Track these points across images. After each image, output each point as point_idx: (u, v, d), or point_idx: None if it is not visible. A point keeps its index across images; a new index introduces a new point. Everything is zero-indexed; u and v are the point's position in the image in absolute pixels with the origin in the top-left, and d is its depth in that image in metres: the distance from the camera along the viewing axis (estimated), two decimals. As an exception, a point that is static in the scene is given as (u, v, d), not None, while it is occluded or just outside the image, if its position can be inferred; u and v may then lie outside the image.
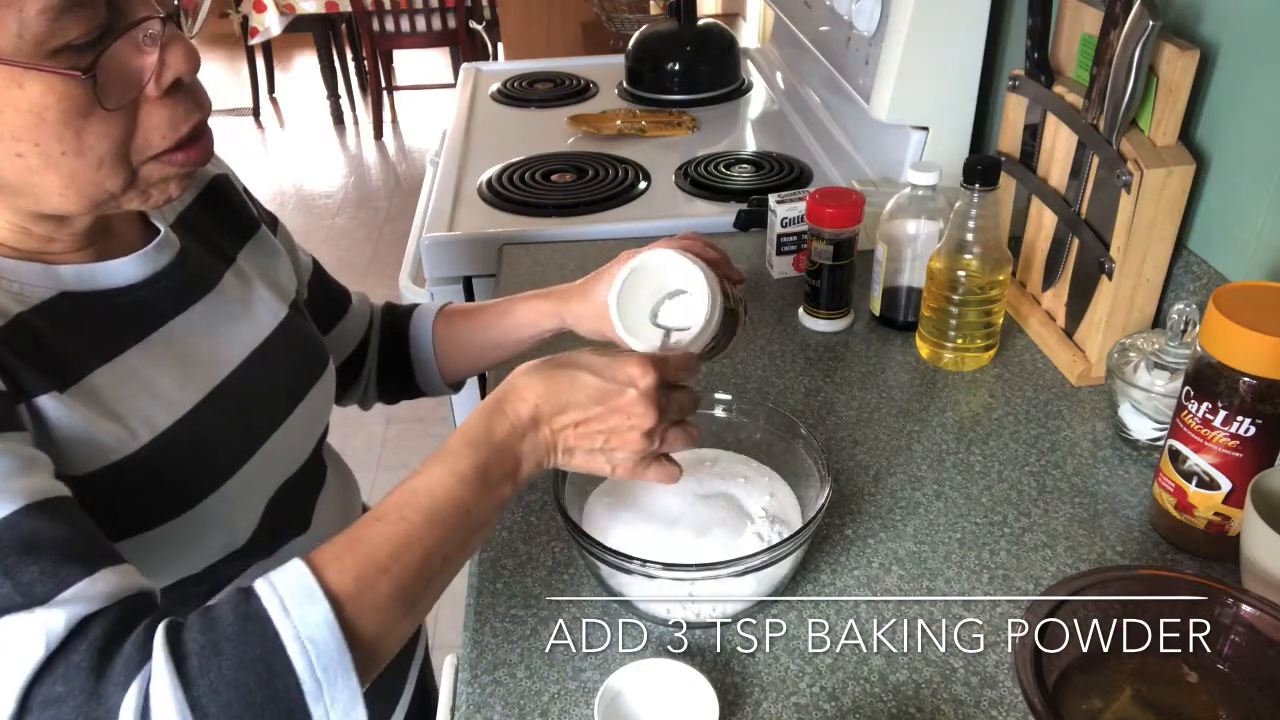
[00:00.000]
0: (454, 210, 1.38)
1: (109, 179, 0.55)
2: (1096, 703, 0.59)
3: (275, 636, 0.47)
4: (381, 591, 0.51)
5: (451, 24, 4.29)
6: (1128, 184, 0.86)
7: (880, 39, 1.19)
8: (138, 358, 0.61)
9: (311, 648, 0.47)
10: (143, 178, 0.57)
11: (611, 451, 0.62)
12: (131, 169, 0.56)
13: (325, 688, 0.48)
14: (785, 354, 1.02)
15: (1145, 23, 0.80)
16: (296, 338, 0.75)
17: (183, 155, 0.57)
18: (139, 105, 0.54)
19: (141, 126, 0.55)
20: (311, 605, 0.48)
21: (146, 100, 0.55)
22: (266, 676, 0.46)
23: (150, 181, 0.57)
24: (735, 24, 2.80)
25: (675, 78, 1.80)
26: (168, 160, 0.57)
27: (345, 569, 0.50)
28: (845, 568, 0.75)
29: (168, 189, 0.59)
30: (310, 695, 0.47)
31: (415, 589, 0.52)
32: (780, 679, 0.66)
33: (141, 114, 0.55)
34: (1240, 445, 0.68)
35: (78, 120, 0.52)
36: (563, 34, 3.53)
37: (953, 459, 0.86)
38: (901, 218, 1.01)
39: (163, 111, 0.55)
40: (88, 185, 0.54)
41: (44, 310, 0.57)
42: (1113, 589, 0.60)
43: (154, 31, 0.54)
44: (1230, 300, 0.67)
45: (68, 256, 0.61)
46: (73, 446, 0.55)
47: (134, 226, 0.67)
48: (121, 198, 0.56)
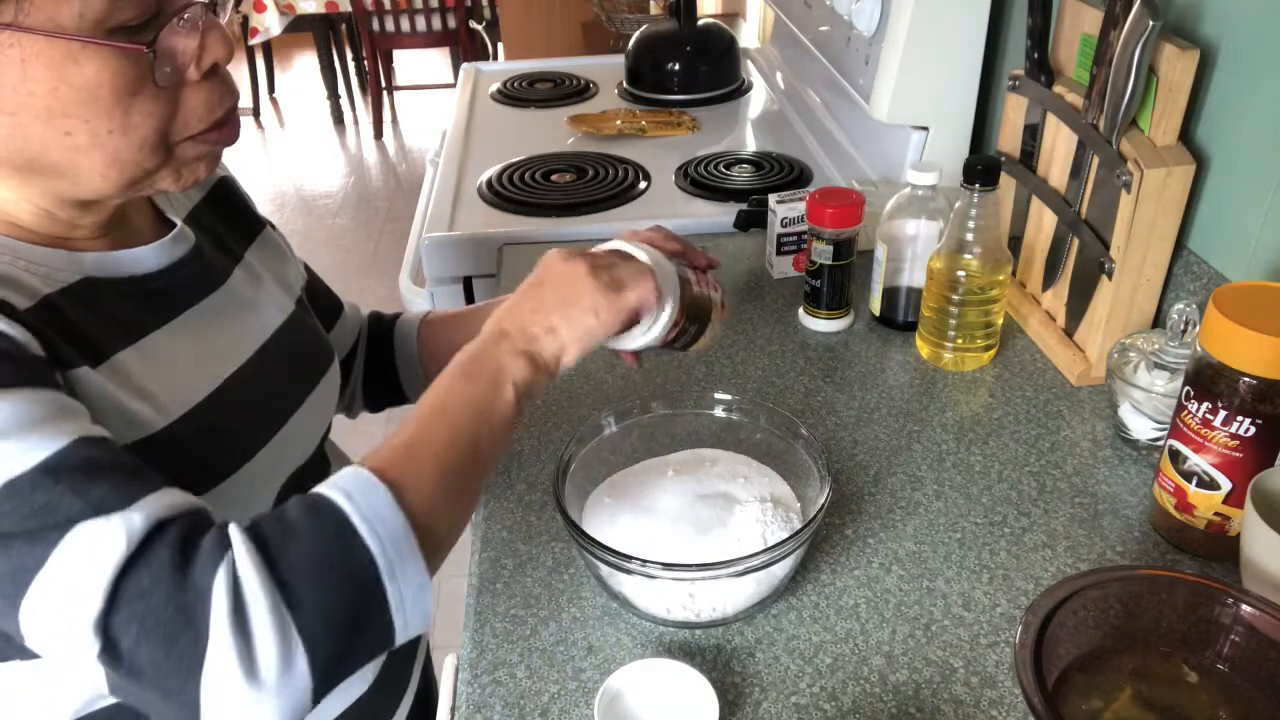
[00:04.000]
0: (454, 210, 1.38)
1: (149, 158, 0.58)
2: (1096, 703, 0.59)
3: (345, 518, 0.51)
4: (427, 478, 0.55)
5: (451, 24, 4.29)
6: (1128, 184, 0.86)
7: (880, 39, 1.19)
8: (162, 340, 0.64)
9: (380, 526, 0.52)
10: (177, 157, 0.60)
11: (579, 303, 0.64)
12: (169, 148, 0.59)
13: (396, 566, 0.51)
14: (785, 354, 1.03)
15: (1145, 23, 0.80)
16: (305, 332, 0.78)
17: (216, 134, 0.61)
18: (180, 88, 0.58)
19: (182, 108, 0.58)
20: (373, 492, 0.53)
21: (187, 83, 0.58)
22: (343, 552, 0.50)
23: (184, 161, 0.60)
24: (735, 24, 2.80)
25: (675, 78, 1.80)
26: (202, 139, 0.60)
27: (393, 463, 0.55)
28: (845, 568, 0.75)
29: (198, 169, 0.62)
30: (384, 572, 0.51)
31: (453, 476, 0.57)
32: (780, 679, 0.66)
33: (182, 96, 0.58)
34: (1240, 445, 0.69)
35: (127, 99, 0.55)
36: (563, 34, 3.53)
37: (953, 459, 0.86)
38: (901, 218, 1.01)
39: (201, 94, 0.59)
40: (129, 164, 0.57)
41: (69, 293, 0.60)
42: (1113, 589, 0.60)
43: (196, 16, 0.57)
44: (1230, 300, 0.67)
45: (89, 244, 0.63)
46: (106, 418, 0.57)
47: (148, 220, 0.70)
48: (156, 176, 0.60)
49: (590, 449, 0.78)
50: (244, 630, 0.48)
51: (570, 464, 0.75)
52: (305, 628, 0.49)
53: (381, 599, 0.51)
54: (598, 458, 0.79)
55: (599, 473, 0.79)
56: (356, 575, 0.51)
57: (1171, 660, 0.61)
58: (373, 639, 0.52)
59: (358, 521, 0.51)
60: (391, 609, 0.52)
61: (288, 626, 0.49)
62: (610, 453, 0.80)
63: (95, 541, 0.48)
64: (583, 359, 0.67)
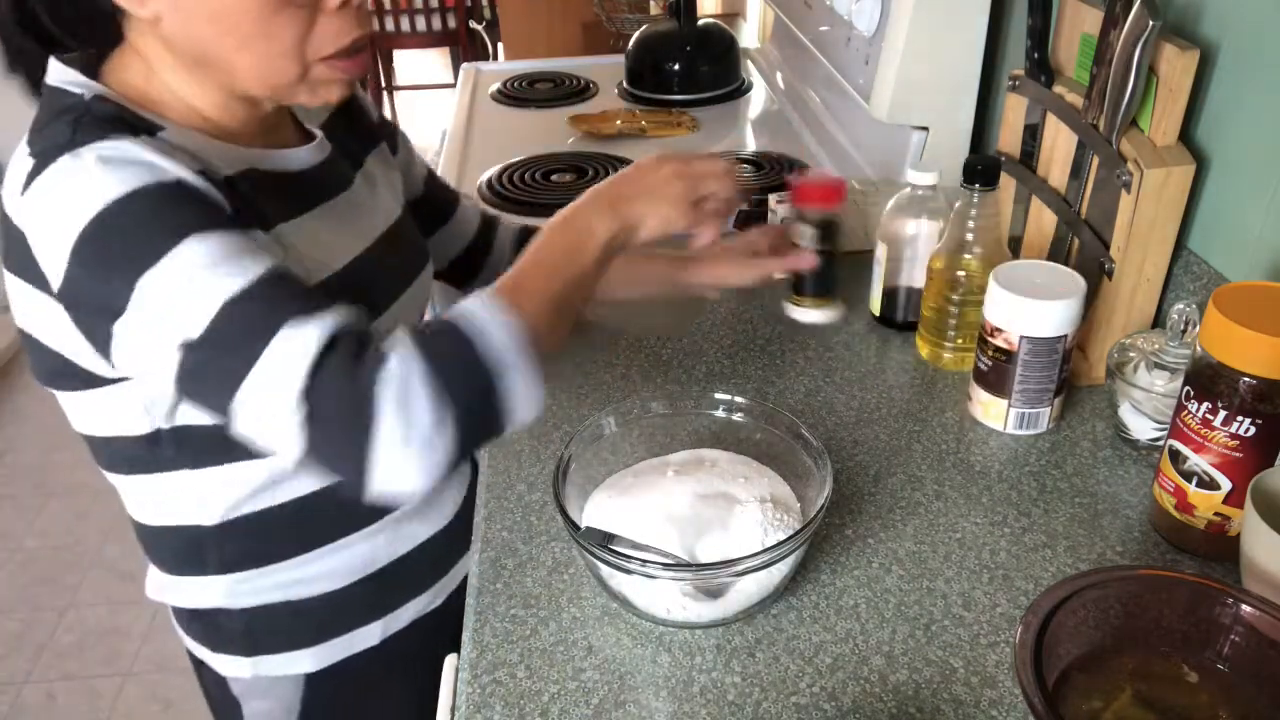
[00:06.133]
0: (454, 210, 1.38)
1: (289, 67, 0.69)
2: (1096, 703, 0.59)
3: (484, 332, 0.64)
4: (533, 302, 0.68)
5: (451, 24, 4.29)
6: (1128, 184, 0.86)
7: (880, 39, 1.19)
8: (306, 224, 0.77)
9: (509, 336, 0.64)
10: (313, 76, 0.71)
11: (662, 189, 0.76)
12: (304, 64, 0.70)
13: (518, 366, 0.64)
14: (785, 354, 1.02)
15: (1145, 23, 0.80)
16: (409, 233, 0.91)
17: (345, 63, 0.72)
18: (318, 12, 0.69)
19: (317, 31, 0.69)
20: (502, 313, 0.65)
21: (324, 10, 0.69)
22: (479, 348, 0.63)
23: (319, 80, 0.72)
24: (735, 24, 2.80)
25: (675, 78, 1.80)
26: (333, 64, 0.71)
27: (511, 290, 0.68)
28: (845, 568, 0.75)
29: (331, 91, 0.73)
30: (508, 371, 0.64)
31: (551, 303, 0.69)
32: (780, 679, 0.66)
33: (319, 20, 0.69)
34: (1240, 445, 0.69)
35: (270, 12, 0.66)
36: (563, 34, 3.53)
37: (953, 459, 0.86)
38: (901, 218, 1.01)
39: (335, 22, 0.69)
40: (272, 69, 0.69)
41: (239, 179, 0.72)
42: (1113, 589, 0.60)
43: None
44: (1230, 300, 0.67)
45: (252, 141, 0.76)
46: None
47: (291, 129, 0.83)
48: (296, 88, 0.71)
49: (590, 449, 0.78)
50: (404, 403, 0.60)
51: (570, 464, 0.75)
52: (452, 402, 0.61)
53: (504, 395, 0.64)
54: (598, 458, 0.79)
55: (599, 473, 0.79)
56: (490, 375, 0.63)
57: (1171, 660, 0.61)
58: (495, 426, 0.65)
59: (493, 334, 0.64)
60: (511, 402, 0.64)
61: (444, 406, 0.61)
62: (610, 453, 0.80)
63: (293, 339, 0.61)
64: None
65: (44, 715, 1.93)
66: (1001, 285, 0.84)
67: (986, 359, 0.87)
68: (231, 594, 0.83)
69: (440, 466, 0.62)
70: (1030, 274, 0.86)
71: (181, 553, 0.83)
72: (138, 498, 0.81)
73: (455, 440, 0.62)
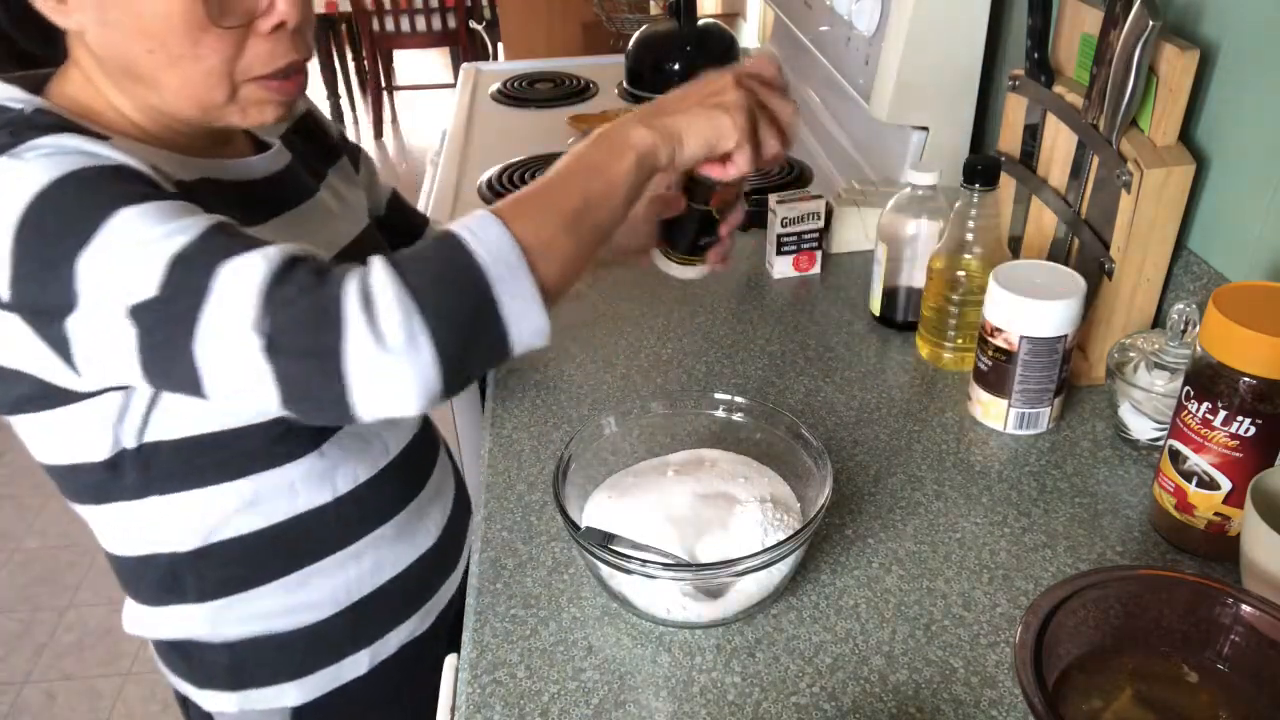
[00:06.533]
0: (454, 210, 1.38)
1: (216, 88, 0.67)
2: (1096, 703, 0.59)
3: (462, 242, 0.59)
4: (540, 217, 0.62)
5: (451, 24, 4.29)
6: (1128, 184, 0.86)
7: (880, 39, 1.19)
8: (275, 229, 0.75)
9: (492, 248, 0.59)
10: (242, 96, 0.69)
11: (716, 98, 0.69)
12: (233, 85, 0.68)
13: (508, 281, 0.59)
14: (785, 354, 1.02)
15: (1145, 23, 0.80)
16: (377, 245, 0.89)
17: (277, 85, 0.70)
18: (248, 35, 0.66)
19: (246, 53, 0.67)
20: (488, 223, 0.60)
21: (255, 33, 0.67)
22: (460, 263, 0.59)
23: (249, 101, 0.69)
24: (735, 24, 2.80)
25: (675, 78, 1.79)
26: (264, 85, 0.69)
27: (506, 205, 0.63)
28: (845, 568, 0.75)
29: (264, 112, 0.70)
30: (495, 283, 0.59)
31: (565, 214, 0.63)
32: (780, 679, 0.66)
33: (249, 43, 0.67)
34: (1240, 445, 0.69)
35: (196, 32, 0.64)
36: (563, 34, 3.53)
37: (953, 459, 0.86)
38: (901, 218, 1.01)
39: (265, 45, 0.67)
40: (199, 89, 0.67)
41: (195, 187, 0.70)
42: (1113, 589, 0.60)
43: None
44: (1230, 300, 0.67)
45: (204, 152, 0.74)
46: None
47: (246, 142, 0.81)
48: (225, 109, 0.69)
49: (590, 449, 0.78)
50: (370, 310, 0.56)
51: (570, 464, 0.75)
52: (424, 309, 0.57)
53: (493, 308, 0.59)
54: (598, 458, 0.79)
55: (599, 473, 0.79)
56: (471, 284, 0.59)
57: (1171, 660, 0.61)
58: (490, 341, 0.60)
59: (473, 245, 0.59)
60: (504, 317, 0.60)
61: (408, 305, 0.57)
62: (610, 453, 0.80)
63: (241, 268, 0.58)
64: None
65: (44, 715, 1.93)
66: (1001, 285, 0.84)
67: (986, 359, 0.87)
68: (213, 624, 0.81)
69: (428, 376, 0.58)
70: (1030, 274, 0.86)
71: (159, 582, 0.80)
72: (108, 528, 0.79)
73: (440, 346, 0.57)
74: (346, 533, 0.83)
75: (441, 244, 0.60)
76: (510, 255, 0.60)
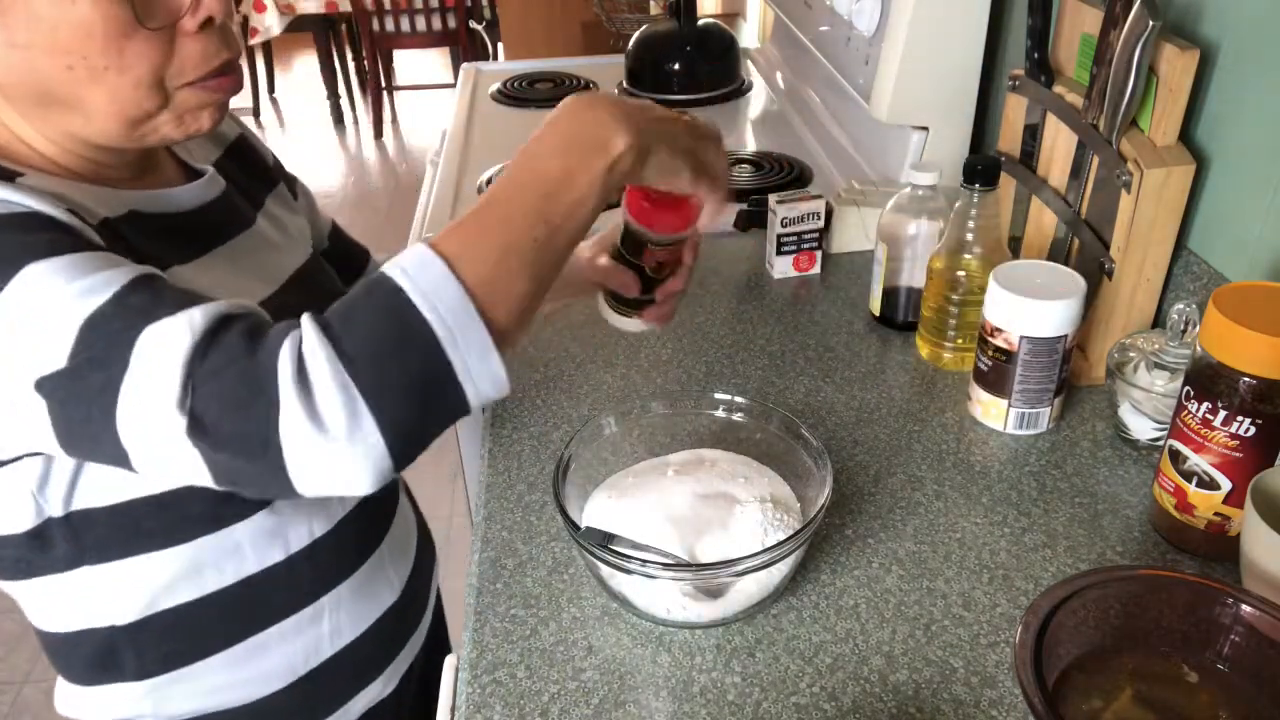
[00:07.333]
0: (454, 210, 1.38)
1: (146, 98, 0.61)
2: (1096, 703, 0.59)
3: (400, 292, 0.52)
4: (486, 247, 0.54)
5: (451, 24, 4.29)
6: (1128, 184, 0.86)
7: (880, 39, 1.19)
8: (211, 264, 0.70)
9: (437, 298, 0.52)
10: (177, 103, 0.63)
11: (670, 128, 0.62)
12: (166, 93, 0.62)
13: (458, 335, 0.52)
14: (785, 354, 1.02)
15: (1145, 23, 0.80)
16: (322, 277, 0.84)
17: (214, 83, 0.64)
18: (175, 36, 0.60)
19: (177, 55, 0.61)
20: (429, 265, 0.53)
21: (182, 33, 0.61)
22: (401, 323, 0.52)
23: (185, 108, 0.63)
24: (735, 24, 2.80)
25: (675, 78, 1.80)
26: (200, 87, 0.63)
27: (449, 236, 0.55)
28: (845, 568, 0.75)
29: (201, 119, 0.65)
30: (445, 340, 0.52)
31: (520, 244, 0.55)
32: (780, 679, 0.66)
33: (177, 44, 0.61)
34: (1240, 445, 0.69)
35: (120, 39, 0.58)
36: (563, 34, 3.53)
37: (953, 459, 0.86)
38: (901, 218, 1.01)
39: (196, 45, 0.62)
40: (128, 102, 0.60)
41: (121, 222, 0.64)
42: (1113, 589, 0.60)
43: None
44: (1230, 300, 0.67)
45: (127, 185, 0.67)
46: None
47: (176, 170, 0.74)
48: (158, 119, 0.63)
49: (590, 449, 0.78)
50: (306, 390, 0.50)
51: (570, 464, 0.75)
52: (367, 388, 0.51)
53: (445, 366, 0.52)
54: (598, 458, 0.79)
55: (599, 473, 0.79)
56: (418, 346, 0.52)
57: (1171, 660, 0.61)
58: (445, 406, 0.54)
59: (415, 298, 0.52)
60: (459, 375, 0.53)
61: (347, 384, 0.50)
62: (610, 453, 0.80)
63: (163, 336, 0.52)
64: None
65: (44, 715, 1.93)
66: (1001, 285, 0.84)
67: (986, 359, 0.87)
68: (155, 703, 0.74)
69: (377, 460, 0.52)
70: (1030, 274, 0.86)
71: (94, 660, 0.73)
72: (37, 604, 0.72)
73: (386, 426, 0.51)
74: (300, 595, 0.76)
75: (377, 296, 0.53)
76: (457, 305, 0.52)
